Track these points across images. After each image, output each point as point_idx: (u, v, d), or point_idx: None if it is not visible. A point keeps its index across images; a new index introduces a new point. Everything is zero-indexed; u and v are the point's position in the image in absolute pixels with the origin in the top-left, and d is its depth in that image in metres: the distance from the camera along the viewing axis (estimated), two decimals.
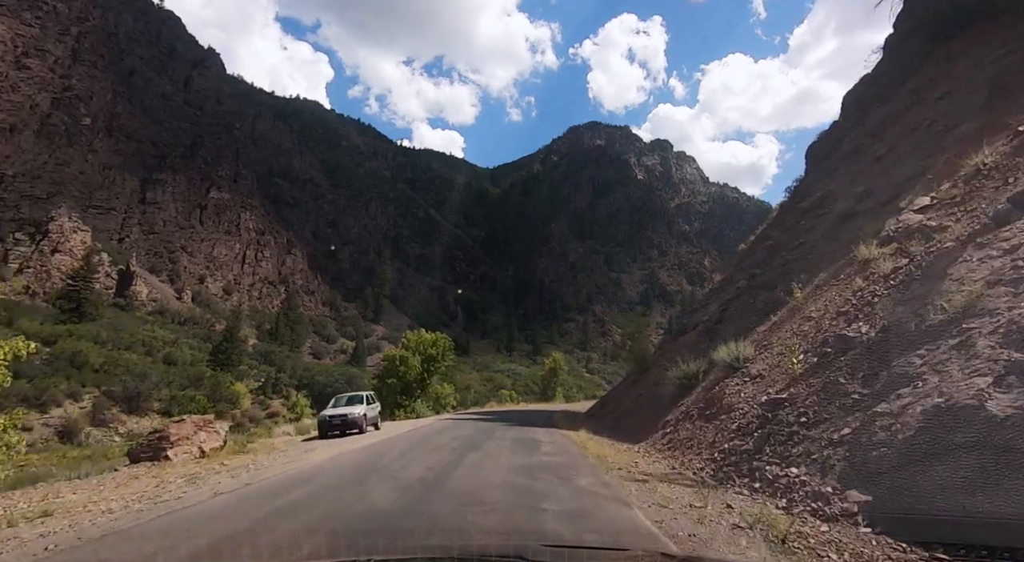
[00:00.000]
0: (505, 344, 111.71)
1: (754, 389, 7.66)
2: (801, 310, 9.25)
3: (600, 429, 14.59)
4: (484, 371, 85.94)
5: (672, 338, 22.68)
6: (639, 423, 12.58)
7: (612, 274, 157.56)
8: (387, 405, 27.42)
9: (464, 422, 20.85)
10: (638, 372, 20.30)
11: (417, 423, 22.74)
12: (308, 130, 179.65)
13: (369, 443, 13.43)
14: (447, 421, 22.40)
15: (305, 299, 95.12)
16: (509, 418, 23.93)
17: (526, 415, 27.45)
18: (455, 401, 66.43)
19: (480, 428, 16.94)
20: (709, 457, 6.93)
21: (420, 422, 23.33)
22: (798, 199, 23.86)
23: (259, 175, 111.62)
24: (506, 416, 26.27)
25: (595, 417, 19.68)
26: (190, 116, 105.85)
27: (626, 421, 14.47)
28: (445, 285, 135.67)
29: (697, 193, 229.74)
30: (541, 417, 24.54)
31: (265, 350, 61.78)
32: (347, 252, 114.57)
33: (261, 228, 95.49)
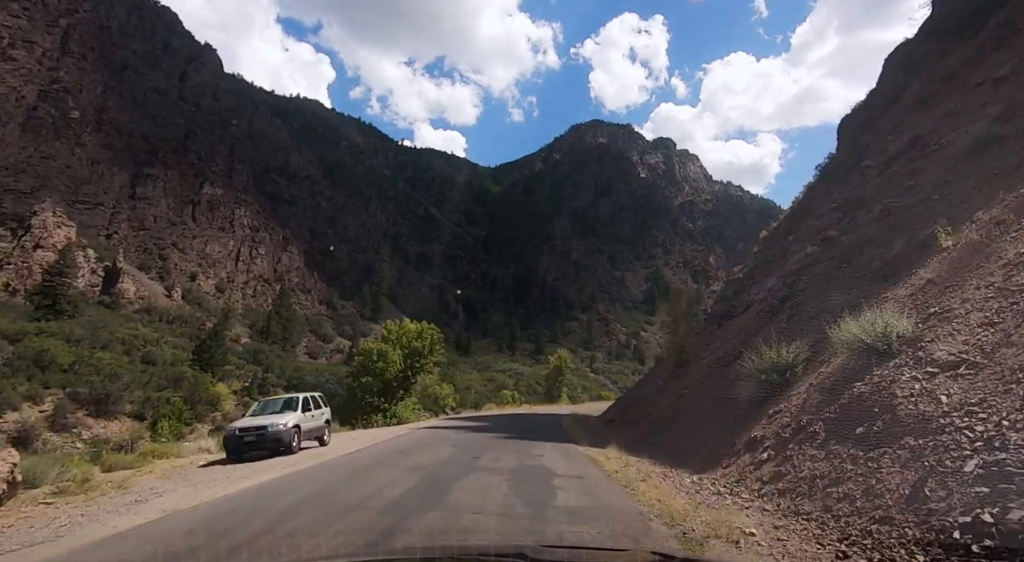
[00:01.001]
0: (507, 343, 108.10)
1: (967, 389, 4.00)
2: (980, 258, 5.60)
3: (634, 445, 10.69)
4: (485, 371, 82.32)
5: (717, 324, 18.86)
6: (693, 437, 8.98)
7: (616, 272, 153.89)
8: (361, 409, 23.60)
9: (450, 433, 16.58)
10: (676, 365, 16.43)
11: (391, 432, 18.35)
12: (308, 129, 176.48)
13: (267, 480, 8.70)
14: (429, 431, 18.15)
15: (301, 297, 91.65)
16: (508, 426, 19.77)
17: (529, 421, 23.48)
18: (454, 402, 62.87)
19: (467, 443, 12.83)
20: (922, 537, 3.26)
21: (395, 431, 18.88)
22: (842, 167, 20.57)
23: (255, 172, 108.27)
24: (505, 423, 22.10)
25: (617, 425, 16.06)
26: (184, 111, 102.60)
27: (669, 433, 10.84)
28: (445, 284, 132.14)
29: (701, 191, 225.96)
30: (548, 424, 20.29)
31: (255, 349, 58.30)
32: (345, 250, 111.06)
33: (256, 225, 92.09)
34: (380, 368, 24.95)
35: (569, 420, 21.93)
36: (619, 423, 16.00)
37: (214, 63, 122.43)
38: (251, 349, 58.63)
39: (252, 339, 70.07)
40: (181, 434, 37.64)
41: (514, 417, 27.57)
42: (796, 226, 21.81)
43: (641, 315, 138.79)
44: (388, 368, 24.80)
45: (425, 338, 27.80)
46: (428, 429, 19.15)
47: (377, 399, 24.56)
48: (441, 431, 17.41)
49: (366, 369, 25.53)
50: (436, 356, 29.18)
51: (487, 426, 19.82)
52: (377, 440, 15.01)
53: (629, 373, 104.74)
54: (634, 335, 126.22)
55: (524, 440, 13.65)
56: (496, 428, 18.27)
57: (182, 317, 67.63)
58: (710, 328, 20.17)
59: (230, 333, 71.29)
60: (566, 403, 51.30)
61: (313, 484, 8.20)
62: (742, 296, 17.55)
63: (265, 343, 64.24)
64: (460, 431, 17.00)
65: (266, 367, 49.61)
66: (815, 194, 24.20)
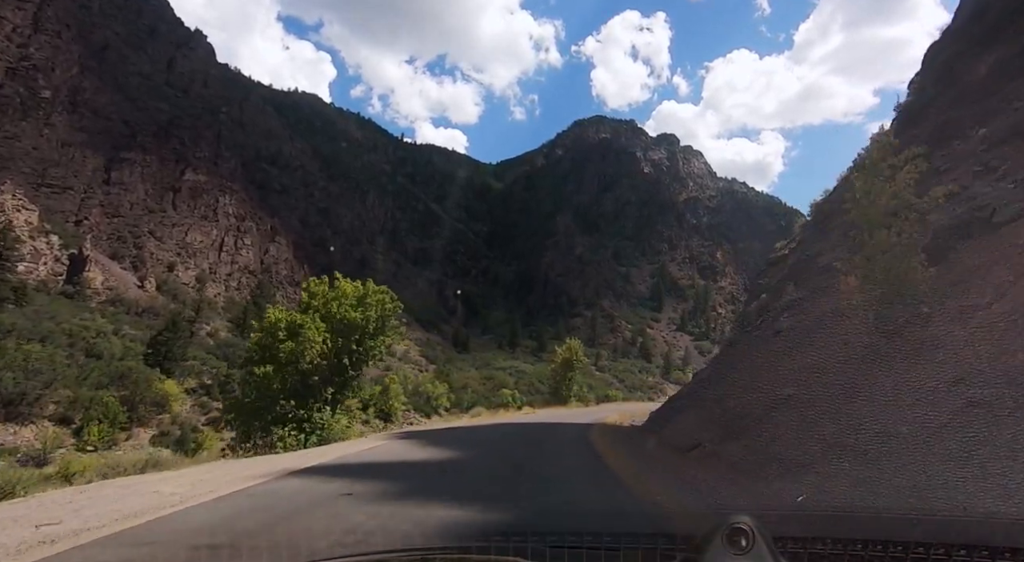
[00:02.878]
0: (508, 340, 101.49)
1: None
2: None
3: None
4: (484, 369, 75.69)
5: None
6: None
7: (620, 268, 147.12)
8: (261, 419, 15.75)
9: (367, 487, 7.46)
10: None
11: (274, 465, 9.56)
12: (305, 122, 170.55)
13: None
14: (296, 482, 8.03)
15: (289, 290, 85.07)
16: (499, 454, 11.54)
17: (536, 440, 14.25)
18: (448, 402, 56.10)
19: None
20: None
21: (282, 463, 9.85)
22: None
23: (244, 160, 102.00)
24: (494, 444, 13.86)
25: (711, 452, 8.76)
26: (170, 97, 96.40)
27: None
28: (445, 279, 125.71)
29: (705, 188, 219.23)
30: (573, 453, 10.81)
31: (230, 343, 51.84)
32: (338, 242, 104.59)
33: (242, 213, 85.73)
34: (288, 352, 15.62)
35: (598, 433, 13.96)
36: (717, 449, 8.81)
37: (204, 50, 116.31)
38: (225, 343, 52.22)
39: (232, 333, 63.60)
40: (115, 441, 31.29)
41: (512, 430, 18.64)
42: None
43: (647, 312, 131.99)
44: (306, 352, 15.69)
45: (371, 307, 18.47)
46: (360, 457, 10.76)
47: (286, 404, 15.49)
48: (321, 483, 7.88)
49: (268, 353, 16.14)
50: (391, 337, 20.07)
51: (453, 461, 10.55)
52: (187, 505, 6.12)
53: (636, 371, 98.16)
54: (640, 332, 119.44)
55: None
56: (470, 465, 9.78)
57: (154, 309, 61.21)
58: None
59: (209, 327, 65.05)
60: (576, 405, 43.83)
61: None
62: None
63: (242, 337, 57.66)
64: (378, 480, 8.27)
65: (232, 363, 43.25)
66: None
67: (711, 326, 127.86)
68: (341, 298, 18.46)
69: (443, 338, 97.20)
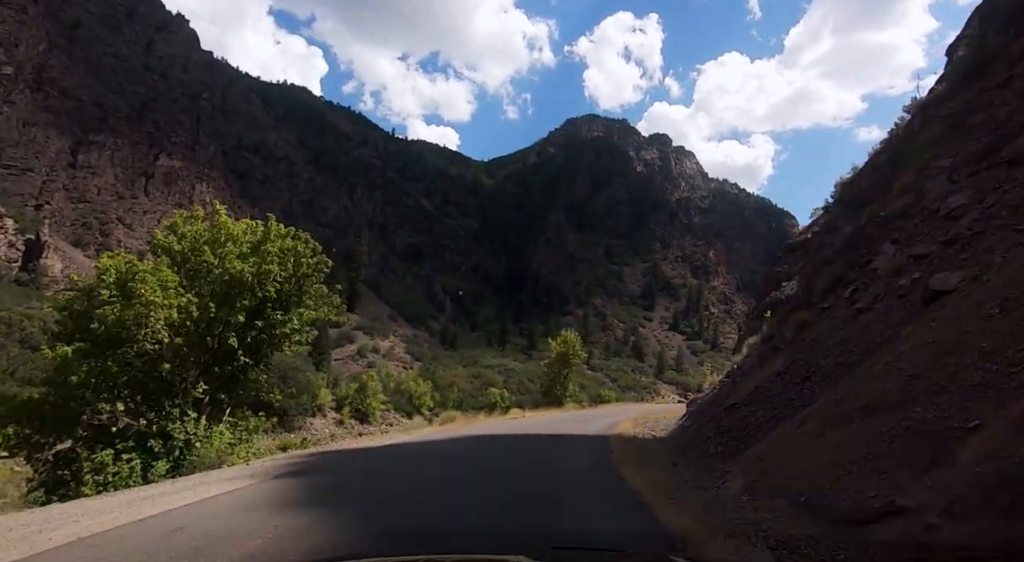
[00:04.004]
0: (497, 338, 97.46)
1: None
2: None
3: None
4: (472, 366, 71.66)
5: None
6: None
7: (613, 266, 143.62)
8: (55, 433, 10.13)
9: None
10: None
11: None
12: (293, 114, 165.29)
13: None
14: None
15: None
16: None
17: (532, 475, 8.41)
18: (432, 401, 51.79)
19: None
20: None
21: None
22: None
23: (226, 148, 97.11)
24: (447, 486, 7.58)
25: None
26: (147, 81, 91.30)
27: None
28: (434, 275, 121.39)
29: (697, 188, 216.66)
30: (597, 502, 6.17)
31: None
32: (323, 234, 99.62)
33: (220, 202, 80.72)
34: (113, 323, 9.64)
35: (648, 477, 7.45)
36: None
37: (186, 35, 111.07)
38: None
39: None
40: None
41: (489, 450, 12.03)
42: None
43: (639, 310, 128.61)
44: (146, 324, 9.74)
45: (276, 258, 12.27)
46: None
47: (106, 406, 10.05)
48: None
49: (81, 325, 10.07)
50: (317, 309, 13.52)
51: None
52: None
53: (629, 370, 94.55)
54: (632, 331, 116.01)
55: None
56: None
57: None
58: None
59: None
60: (573, 407, 39.19)
61: None
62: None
63: None
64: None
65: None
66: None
67: (704, 325, 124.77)
68: (222, 242, 12.03)
69: (431, 335, 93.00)
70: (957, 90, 20.50)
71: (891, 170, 23.22)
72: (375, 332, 78.65)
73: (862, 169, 27.15)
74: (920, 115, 23.94)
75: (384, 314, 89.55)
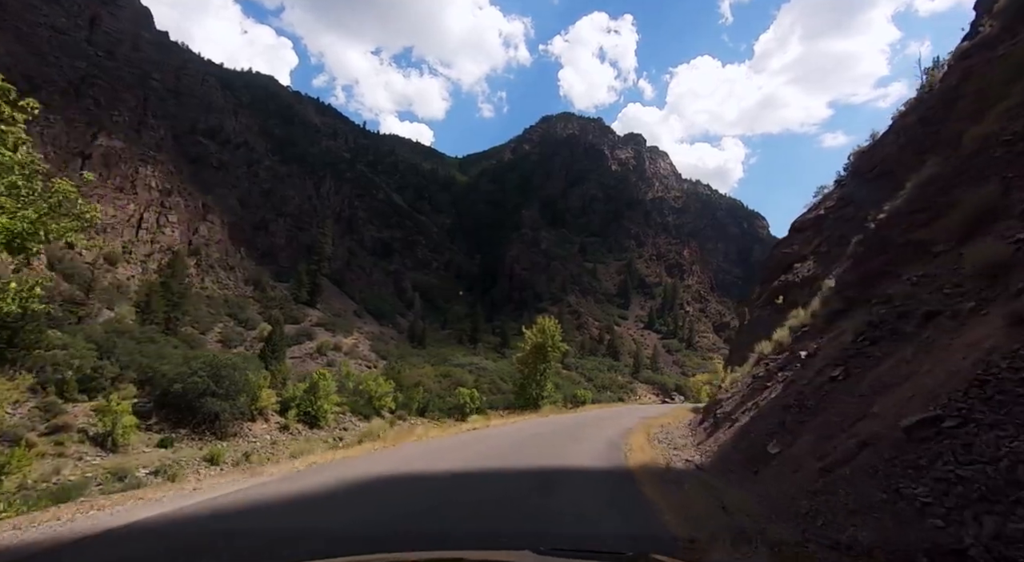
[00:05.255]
0: (469, 335, 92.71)
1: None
2: None
3: None
4: (441, 365, 66.82)
5: None
6: None
7: (587, 264, 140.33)
8: None
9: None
10: None
11: None
12: (259, 104, 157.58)
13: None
14: None
15: (222, 275, 74.07)
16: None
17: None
18: (394, 403, 47.02)
19: None
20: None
21: None
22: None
23: (178, 131, 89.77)
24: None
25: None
26: (89, 56, 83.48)
27: None
28: (403, 270, 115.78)
29: (671, 188, 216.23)
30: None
31: (121, 331, 41.21)
32: (283, 225, 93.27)
33: (168, 187, 73.97)
34: None
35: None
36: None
37: (136, 11, 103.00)
38: (114, 330, 41.51)
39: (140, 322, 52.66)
40: None
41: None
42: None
43: (615, 309, 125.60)
44: None
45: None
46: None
47: None
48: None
49: None
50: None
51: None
52: None
53: (605, 369, 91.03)
54: (608, 329, 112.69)
55: None
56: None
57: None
58: None
59: (114, 313, 54.15)
60: (552, 411, 33.15)
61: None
62: None
63: (147, 324, 47.07)
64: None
65: (106, 353, 32.92)
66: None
67: (679, 324, 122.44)
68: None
69: (398, 332, 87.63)
70: (1016, 28, 17.08)
71: (937, 125, 19.46)
72: (338, 328, 73.01)
73: (883, 136, 23.63)
74: (958, 67, 20.75)
75: (349, 310, 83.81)
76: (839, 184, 25.00)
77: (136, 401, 29.51)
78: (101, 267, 62.25)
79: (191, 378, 30.32)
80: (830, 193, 25.28)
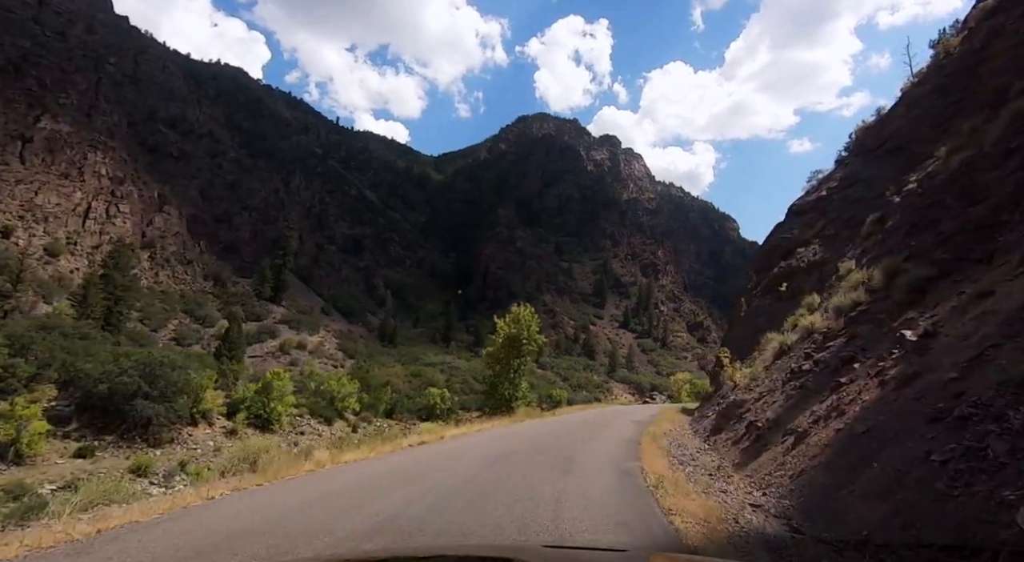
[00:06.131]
0: (442, 334, 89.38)
1: None
2: None
3: None
4: (412, 364, 63.47)
5: None
6: None
7: (563, 263, 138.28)
8: None
9: None
10: None
11: None
12: (228, 96, 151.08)
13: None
14: None
15: (179, 270, 69.06)
16: None
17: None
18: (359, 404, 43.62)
19: None
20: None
21: None
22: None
23: (134, 118, 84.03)
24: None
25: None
26: (37, 35, 77.31)
27: None
28: (375, 267, 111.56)
29: (645, 190, 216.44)
30: None
31: (46, 325, 36.70)
32: (248, 219, 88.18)
33: (120, 176, 68.64)
34: None
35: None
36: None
37: None
38: (42, 325, 37.02)
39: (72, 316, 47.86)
40: None
41: None
42: None
43: (590, 308, 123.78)
44: None
45: None
46: None
47: None
48: None
49: None
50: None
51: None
52: None
53: (580, 369, 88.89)
54: (583, 328, 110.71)
55: None
56: None
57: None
58: None
59: (53, 306, 49.41)
60: (529, 415, 28.27)
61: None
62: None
63: (84, 320, 42.42)
64: None
65: (25, 351, 28.71)
66: None
67: (653, 323, 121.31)
68: None
69: (368, 331, 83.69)
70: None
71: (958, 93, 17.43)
72: (303, 326, 68.84)
73: (893, 109, 21.63)
74: (982, 28, 18.91)
75: (316, 307, 79.52)
76: (841, 164, 22.97)
77: (54, 404, 25.56)
78: (41, 258, 57.02)
79: (119, 378, 26.51)
80: (830, 174, 23.22)
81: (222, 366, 40.76)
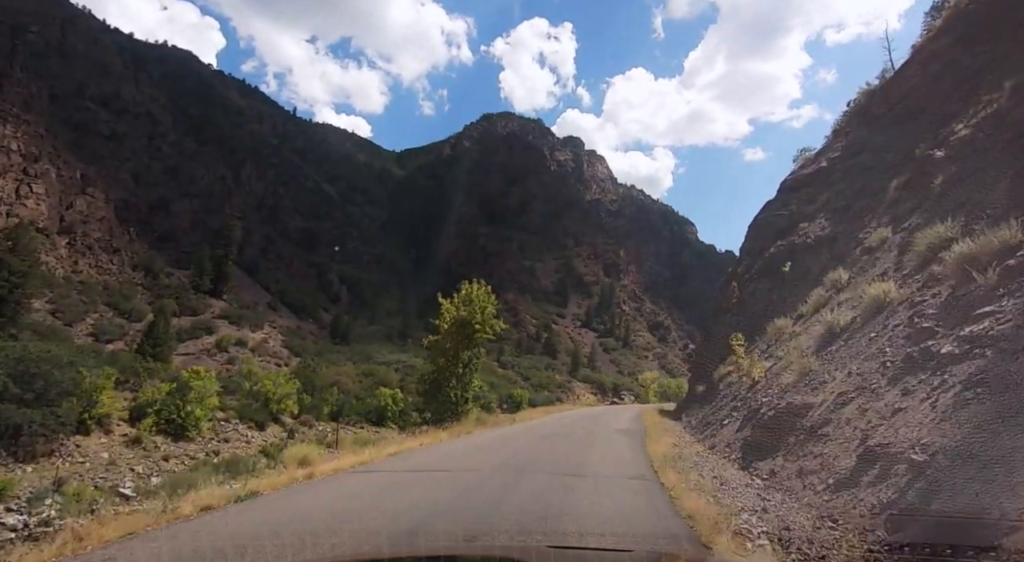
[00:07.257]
0: (399, 332, 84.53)
1: None
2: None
3: None
4: (364, 363, 58.58)
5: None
6: None
7: (526, 262, 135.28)
8: None
9: None
10: None
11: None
12: (174, 79, 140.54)
13: None
14: None
15: (103, 258, 61.79)
16: None
17: None
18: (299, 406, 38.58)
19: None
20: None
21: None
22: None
23: (59, 93, 75.56)
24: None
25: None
26: None
27: None
28: (328, 262, 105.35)
29: (608, 191, 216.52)
30: None
31: None
32: (188, 206, 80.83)
33: (35, 152, 60.83)
34: None
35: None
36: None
37: None
38: None
39: None
40: None
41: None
42: None
43: (552, 307, 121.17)
44: None
45: None
46: None
47: None
48: None
49: None
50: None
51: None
52: None
53: (542, 368, 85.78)
54: (545, 327, 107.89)
55: None
56: None
57: None
58: None
59: None
60: (481, 424, 22.27)
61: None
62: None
63: None
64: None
65: None
66: None
67: (616, 323, 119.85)
68: None
69: (320, 327, 78.00)
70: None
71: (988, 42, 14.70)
72: (245, 321, 62.88)
73: (903, 69, 19.05)
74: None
75: (262, 302, 73.34)
76: (838, 134, 20.27)
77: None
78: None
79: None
80: (828, 145, 20.47)
81: (135, 364, 35.21)
